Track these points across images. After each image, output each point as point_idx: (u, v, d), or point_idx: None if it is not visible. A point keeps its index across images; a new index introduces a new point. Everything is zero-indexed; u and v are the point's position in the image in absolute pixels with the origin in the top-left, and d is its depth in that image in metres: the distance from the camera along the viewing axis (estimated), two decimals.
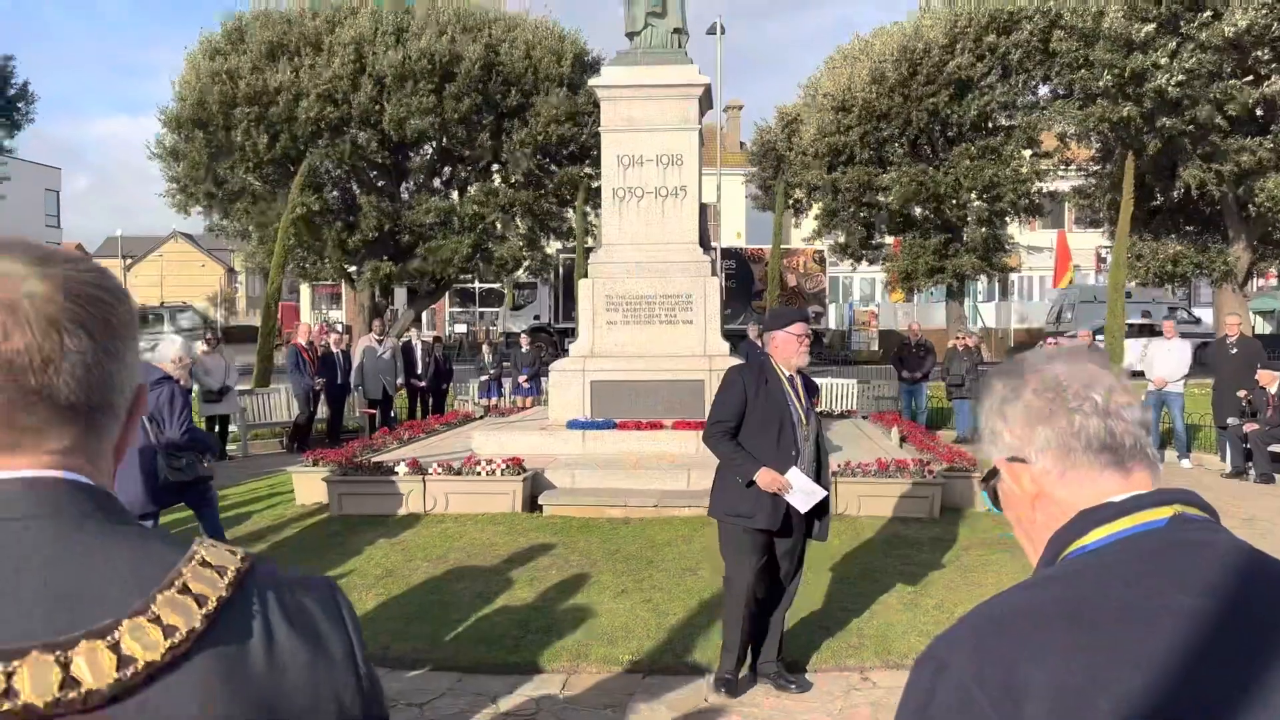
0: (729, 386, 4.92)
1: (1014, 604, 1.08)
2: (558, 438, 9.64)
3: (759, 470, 4.66)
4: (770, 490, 4.67)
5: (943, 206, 22.83)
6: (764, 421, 4.78)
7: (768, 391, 4.82)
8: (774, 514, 4.74)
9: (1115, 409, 1.19)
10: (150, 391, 6.79)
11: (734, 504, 4.84)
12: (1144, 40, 18.44)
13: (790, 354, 4.86)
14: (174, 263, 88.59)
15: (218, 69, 21.27)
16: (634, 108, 10.35)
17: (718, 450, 4.88)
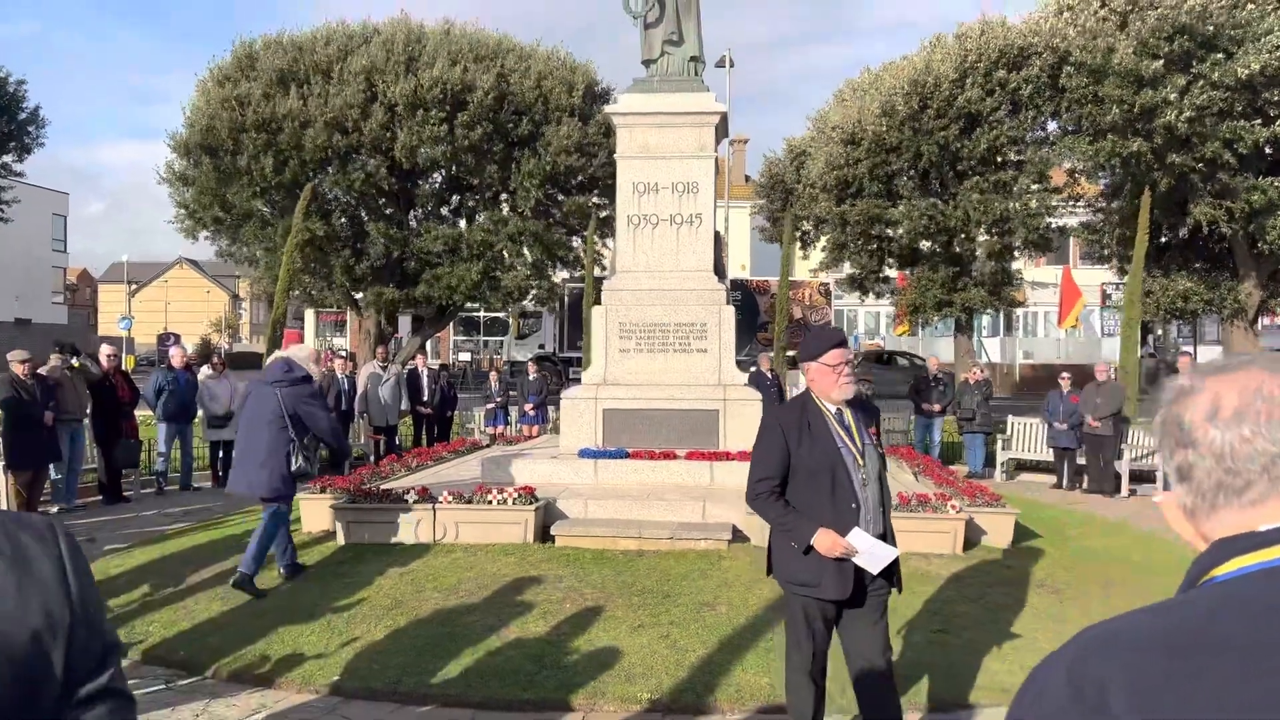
0: (766, 435, 4.23)
1: (1124, 626, 1.05)
2: (569, 466, 9.47)
3: (816, 533, 3.99)
4: (832, 556, 4.00)
5: (952, 240, 22.75)
6: (813, 471, 4.08)
7: (812, 436, 4.09)
8: (842, 582, 4.06)
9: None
10: (291, 388, 7.17)
11: (795, 571, 4.15)
12: (1153, 77, 18.44)
13: (828, 387, 4.13)
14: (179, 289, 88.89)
15: (227, 95, 21.32)
16: (650, 135, 10.27)
17: (765, 513, 4.21)
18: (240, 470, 7.38)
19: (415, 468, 10.64)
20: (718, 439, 9.77)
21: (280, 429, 7.14)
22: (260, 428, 7.19)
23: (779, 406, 4.67)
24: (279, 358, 7.59)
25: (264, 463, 7.13)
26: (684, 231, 10.20)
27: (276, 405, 7.17)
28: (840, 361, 4.15)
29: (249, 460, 7.26)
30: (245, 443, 7.39)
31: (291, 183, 21.09)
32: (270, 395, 7.23)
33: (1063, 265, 36.83)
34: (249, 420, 7.36)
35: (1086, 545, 8.80)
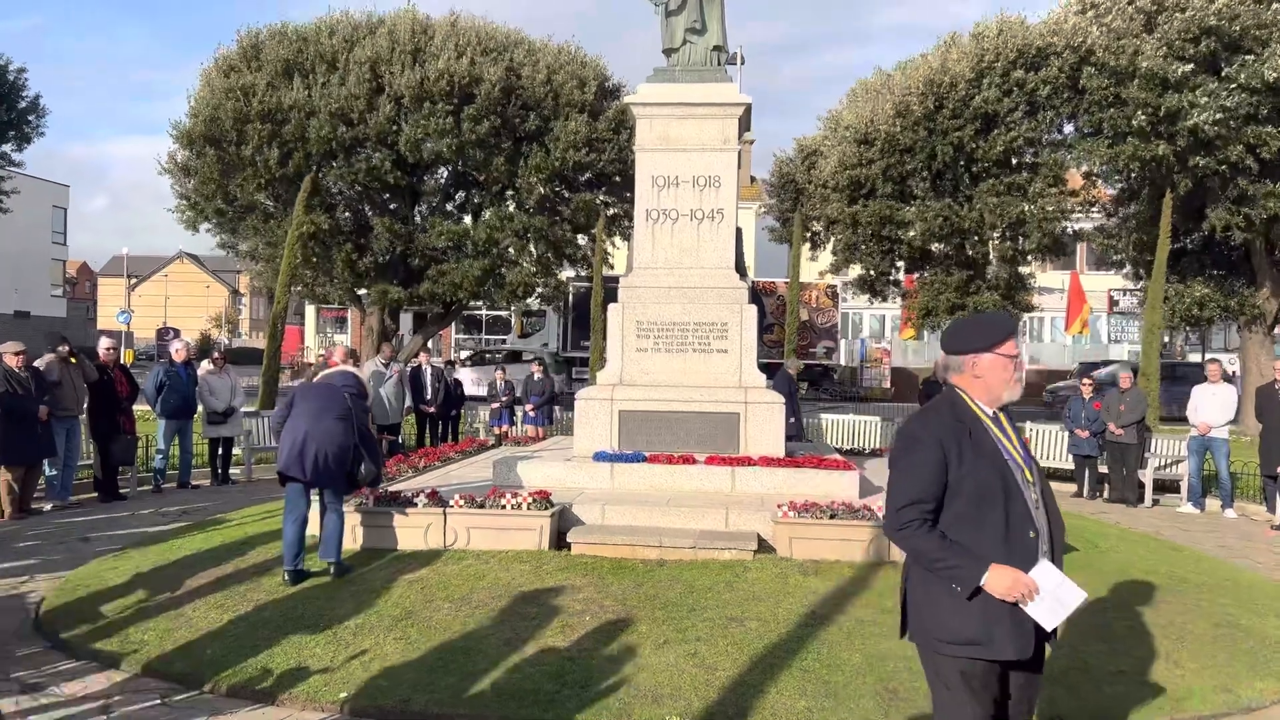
0: (916, 447, 3.27)
1: None
2: (584, 470, 9.09)
3: (989, 570, 3.10)
4: (1011, 598, 3.11)
5: (965, 243, 22.39)
6: (981, 495, 3.19)
7: (975, 448, 3.22)
8: (1021, 636, 3.17)
9: None
10: (358, 399, 7.46)
11: (955, 626, 3.19)
12: (1180, 79, 18.09)
13: (998, 385, 3.30)
14: (179, 283, 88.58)
15: (232, 85, 20.94)
16: (671, 126, 9.90)
17: (918, 548, 3.23)
18: (299, 453, 7.14)
19: (423, 469, 10.27)
20: (739, 443, 9.39)
21: (350, 429, 7.31)
22: (333, 420, 7.24)
23: (926, 412, 3.42)
24: (349, 372, 7.81)
25: (335, 453, 7.15)
26: (705, 227, 9.83)
27: (346, 405, 7.33)
28: (1017, 353, 3.34)
29: (316, 445, 7.11)
30: (312, 429, 7.18)
31: (295, 175, 20.70)
32: (341, 395, 7.39)
33: (1070, 271, 36.56)
34: (318, 411, 7.26)
35: (1125, 558, 8.43)
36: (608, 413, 9.61)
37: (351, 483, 7.46)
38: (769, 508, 7.96)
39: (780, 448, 9.44)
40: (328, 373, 7.79)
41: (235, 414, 13.24)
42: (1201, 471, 12.70)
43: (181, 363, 12.66)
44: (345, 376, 7.62)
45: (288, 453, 7.17)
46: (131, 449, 11.96)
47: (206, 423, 13.06)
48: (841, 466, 8.97)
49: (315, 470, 7.11)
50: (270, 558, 7.70)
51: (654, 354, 9.73)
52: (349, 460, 7.29)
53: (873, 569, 7.31)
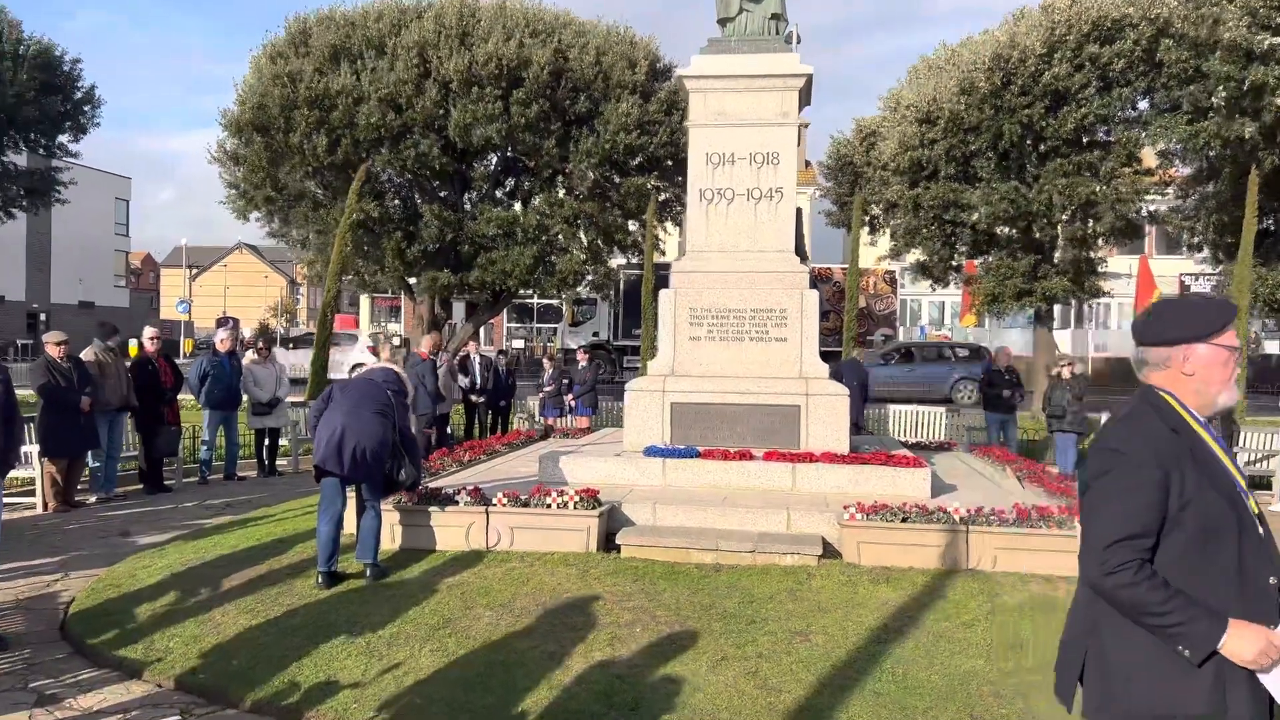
0: (1128, 467, 2.49)
1: None
2: (634, 466, 8.60)
3: (1229, 629, 2.37)
4: (1257, 666, 2.38)
5: (1032, 225, 21.43)
6: (1208, 530, 2.46)
7: (1200, 467, 2.49)
8: (1260, 714, 2.44)
9: None
10: (399, 395, 7.13)
11: (1176, 698, 2.43)
12: (1265, 51, 16.99)
13: (1217, 384, 2.59)
14: (238, 273, 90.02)
15: (279, 72, 20.75)
16: (726, 100, 9.33)
17: (1137, 597, 2.41)
18: (337, 446, 6.78)
19: (468, 463, 9.87)
20: (799, 438, 8.82)
21: (390, 424, 7.00)
22: (371, 415, 6.90)
23: (1130, 422, 2.64)
24: (390, 369, 7.50)
25: (373, 448, 6.82)
26: (762, 207, 9.25)
27: (387, 400, 7.02)
28: (1238, 345, 2.65)
29: (355, 438, 6.76)
30: (350, 422, 6.82)
31: (344, 162, 20.47)
32: (383, 390, 7.07)
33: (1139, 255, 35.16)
34: (355, 404, 6.93)
35: None
36: (659, 405, 9.11)
37: (390, 483, 7.12)
38: (834, 508, 7.39)
39: (845, 443, 8.85)
40: (369, 368, 7.50)
41: (280, 404, 12.99)
42: None
43: (225, 353, 12.43)
44: (386, 373, 7.31)
45: (325, 446, 6.80)
46: (176, 440, 11.76)
47: (252, 414, 12.84)
48: (911, 464, 8.36)
49: (353, 464, 6.73)
50: (306, 558, 7.34)
51: (708, 343, 9.20)
52: (387, 456, 6.96)
53: (948, 577, 6.72)
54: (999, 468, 10.01)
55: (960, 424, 15.96)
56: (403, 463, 7.07)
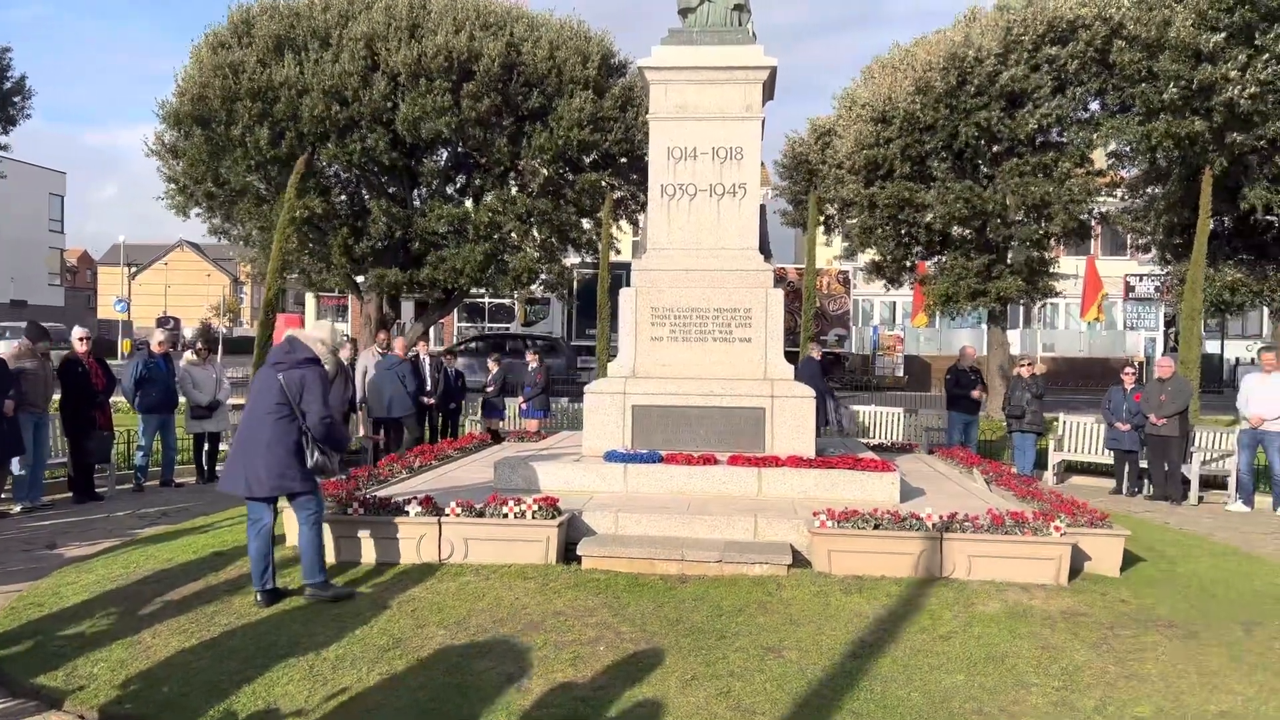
0: None
1: None
2: (595, 471, 8.26)
3: None
4: None
5: (987, 226, 21.44)
6: None
7: None
8: None
9: None
10: (292, 370, 6.11)
11: None
12: (1213, 50, 17.13)
13: None
14: (179, 272, 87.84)
15: (221, 62, 20.02)
16: (688, 93, 9.02)
17: None
18: (235, 465, 6.30)
19: (418, 469, 9.44)
20: (764, 441, 8.56)
21: (284, 418, 6.16)
22: (260, 416, 6.19)
23: None
24: (285, 336, 6.52)
25: (265, 455, 6.13)
26: (726, 204, 8.97)
27: (279, 390, 6.15)
28: None
29: (245, 453, 6.22)
30: (243, 434, 6.32)
31: (288, 156, 19.78)
32: (271, 379, 6.21)
33: (1085, 256, 35.65)
34: (250, 409, 6.34)
35: (1198, 570, 7.59)
36: (620, 408, 8.78)
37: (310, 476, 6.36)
38: (802, 515, 7.13)
39: (811, 446, 8.61)
40: (271, 350, 6.61)
41: (221, 408, 12.43)
42: (1252, 466, 11.85)
43: (161, 355, 11.83)
44: (279, 349, 6.36)
45: (225, 465, 6.35)
46: (108, 445, 11.19)
47: (190, 417, 12.27)
48: (880, 467, 8.13)
49: (247, 485, 6.20)
50: (246, 572, 6.87)
51: (670, 343, 8.89)
52: (293, 458, 6.18)
53: (922, 586, 6.49)
54: (965, 470, 9.84)
55: (919, 424, 15.86)
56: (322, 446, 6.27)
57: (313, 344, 6.33)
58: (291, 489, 6.25)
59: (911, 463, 10.76)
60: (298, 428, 6.18)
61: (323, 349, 6.38)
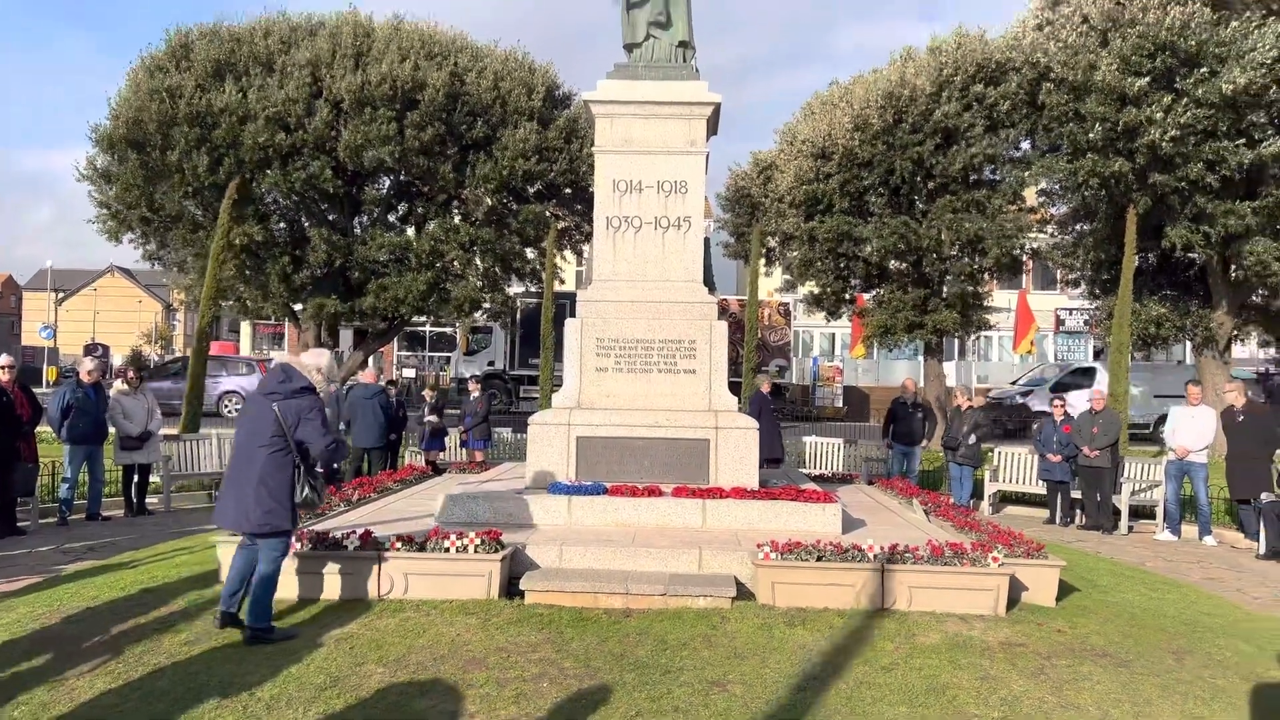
0: None
1: None
2: (538, 504, 8.19)
3: None
4: None
5: (923, 260, 21.94)
6: None
7: None
8: None
9: None
10: (288, 401, 5.88)
11: None
12: (1137, 94, 17.83)
13: None
14: (109, 298, 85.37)
15: (158, 86, 19.65)
16: (633, 127, 9.11)
17: None
18: (227, 498, 6.12)
19: (356, 502, 9.26)
20: (709, 472, 8.58)
21: (278, 450, 5.99)
22: (253, 448, 6.02)
23: None
24: (278, 364, 6.30)
25: (256, 489, 5.95)
26: (671, 236, 9.04)
27: (273, 421, 5.97)
28: None
29: (238, 486, 6.04)
30: (236, 466, 6.13)
31: (226, 182, 19.45)
32: (266, 410, 6.02)
33: (1017, 290, 36.61)
34: (241, 439, 6.15)
35: (1129, 600, 7.77)
36: (564, 439, 8.74)
37: (296, 511, 6.23)
38: (746, 546, 7.15)
39: (754, 477, 8.65)
40: (263, 378, 6.40)
41: (152, 438, 12.09)
42: (1180, 497, 12.20)
43: (90, 384, 11.47)
44: (273, 378, 6.15)
45: (218, 496, 6.22)
46: (32, 478, 10.79)
47: (119, 448, 11.91)
48: (822, 499, 8.20)
49: (237, 519, 6.07)
50: (176, 610, 6.69)
51: (615, 374, 8.90)
52: (285, 491, 6.02)
53: (865, 618, 6.54)
54: (905, 501, 9.97)
55: (859, 455, 16.05)
56: (312, 479, 6.16)
57: (309, 373, 6.18)
58: (278, 527, 6.06)
59: (852, 493, 10.88)
60: (291, 461, 6.03)
61: (319, 377, 6.21)
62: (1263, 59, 16.87)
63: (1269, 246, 18.14)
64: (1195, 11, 17.25)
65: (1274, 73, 16.99)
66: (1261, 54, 16.85)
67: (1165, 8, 17.54)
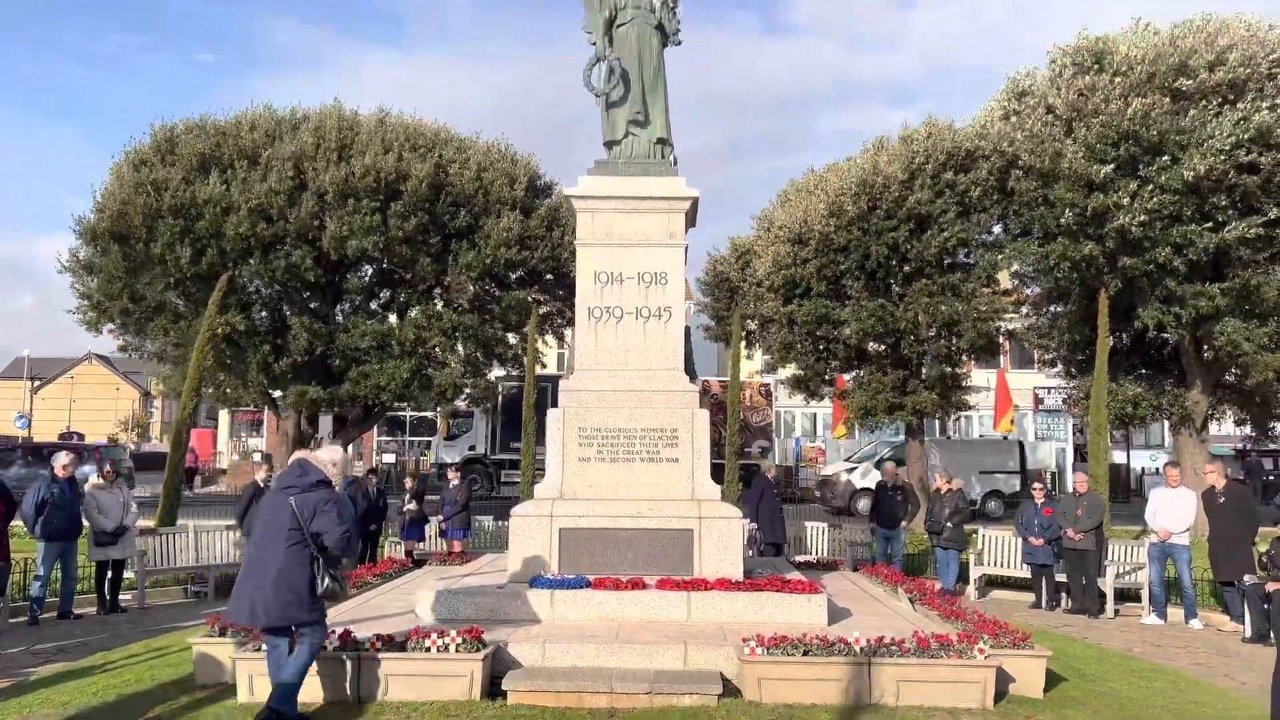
0: None
1: None
2: (520, 599, 8.09)
3: None
4: None
5: (901, 342, 22.20)
6: None
7: None
8: None
9: None
10: (305, 495, 5.94)
11: None
12: (1104, 181, 18.35)
13: None
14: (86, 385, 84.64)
15: (143, 179, 19.89)
16: (614, 221, 9.30)
17: None
18: (243, 594, 6.07)
19: None
20: (693, 563, 8.53)
21: (296, 544, 6.01)
22: (271, 542, 6.05)
23: None
24: (295, 459, 6.43)
25: (274, 583, 5.94)
26: (651, 326, 9.15)
27: (290, 515, 6.02)
28: None
29: (255, 580, 6.02)
30: (253, 560, 6.14)
31: (209, 273, 19.60)
32: (283, 504, 6.09)
33: (995, 369, 36.98)
34: (260, 534, 6.21)
35: (1118, 690, 7.70)
36: (546, 530, 8.69)
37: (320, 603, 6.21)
38: (732, 640, 7.08)
39: (739, 568, 8.60)
40: (280, 474, 6.52)
41: (127, 533, 11.90)
42: (1164, 579, 12.18)
43: (65, 479, 11.32)
44: (290, 473, 6.26)
45: (233, 593, 6.15)
46: (3, 576, 10.56)
47: (93, 544, 11.69)
48: (807, 589, 8.15)
49: (254, 614, 6.02)
50: (152, 718, 6.50)
51: (598, 464, 8.89)
52: (305, 584, 6.02)
53: (853, 714, 6.45)
54: (890, 589, 9.92)
55: (844, 538, 15.97)
56: (333, 570, 6.17)
57: (325, 467, 6.30)
58: (299, 619, 6.06)
59: (837, 581, 10.81)
60: (309, 555, 6.06)
61: (334, 471, 6.35)
62: (1221, 146, 17.45)
63: (1238, 327, 18.49)
64: (1155, 102, 17.88)
65: (1233, 159, 17.57)
66: (1220, 141, 17.44)
67: (1126, 98, 18.16)
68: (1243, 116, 17.46)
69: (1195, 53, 18.21)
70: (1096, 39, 19.60)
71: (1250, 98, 17.95)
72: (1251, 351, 18.49)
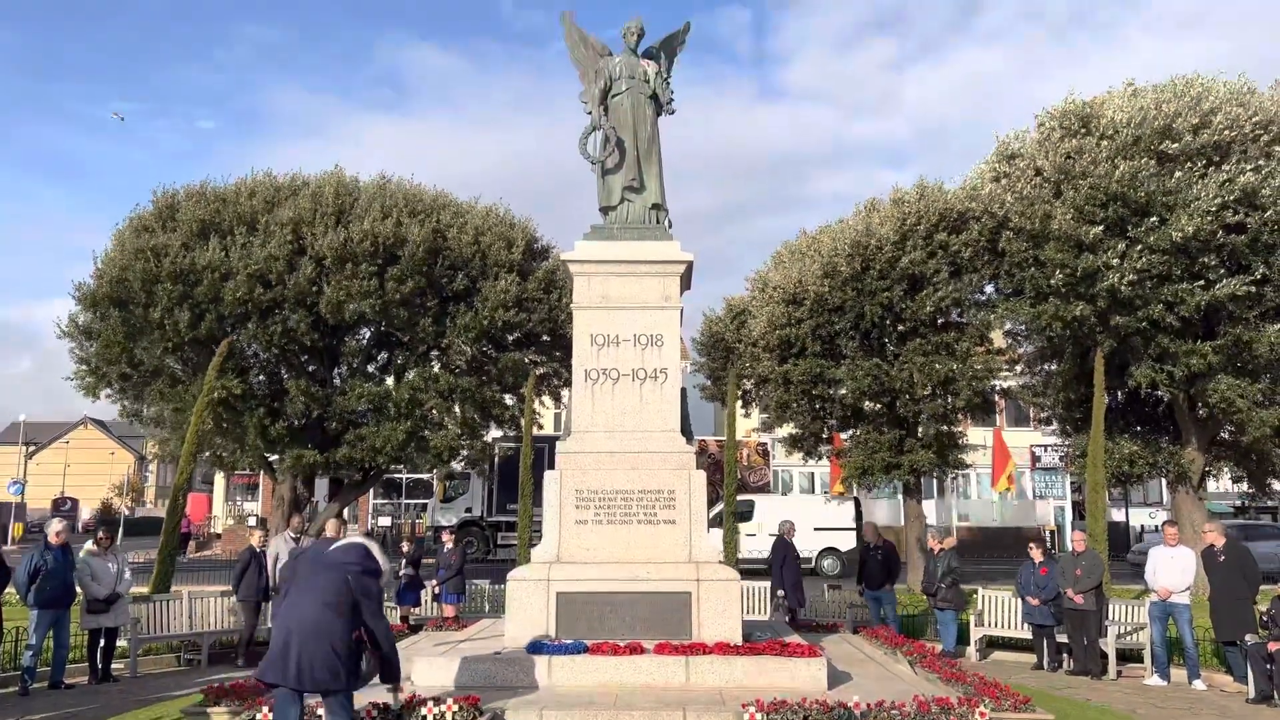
0: None
1: None
2: (517, 665, 8.02)
3: None
4: None
5: (896, 401, 22.28)
6: None
7: None
8: None
9: None
10: (364, 578, 6.11)
11: None
12: (1093, 241, 18.60)
13: None
14: (81, 450, 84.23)
15: (143, 245, 20.11)
16: (610, 284, 9.43)
17: None
18: (284, 653, 5.92)
19: None
20: (691, 626, 8.48)
21: (350, 618, 6.05)
22: (327, 609, 6.00)
23: None
24: (358, 543, 6.49)
25: (327, 651, 5.90)
26: (648, 388, 9.22)
27: (348, 591, 6.06)
28: None
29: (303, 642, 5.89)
30: (303, 623, 5.97)
31: (207, 338, 19.70)
32: (340, 576, 6.10)
33: (992, 428, 36.98)
34: (311, 599, 6.05)
35: None
36: (543, 595, 8.65)
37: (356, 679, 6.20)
38: (731, 706, 7.01)
39: (738, 631, 8.55)
40: (333, 547, 6.51)
41: (120, 601, 11.78)
42: (1165, 639, 12.07)
43: (59, 545, 11.23)
44: (349, 551, 6.32)
45: (271, 651, 6.04)
46: None
47: (86, 611, 11.56)
48: (807, 653, 8.09)
49: (298, 675, 5.89)
50: None
51: (595, 526, 8.89)
52: (351, 660, 6.04)
53: None
54: (889, 651, 9.84)
55: (843, 600, 15.84)
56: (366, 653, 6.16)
57: (380, 559, 6.42)
58: (338, 688, 6.00)
59: (837, 644, 10.72)
60: (353, 627, 6.08)
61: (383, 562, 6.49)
62: (1208, 207, 17.73)
63: (1232, 384, 18.58)
64: (1142, 165, 18.20)
65: (1220, 219, 17.84)
66: (1206, 202, 17.73)
67: (1113, 161, 18.50)
68: (1228, 178, 17.78)
69: (1180, 116, 18.59)
70: (1083, 103, 20.03)
71: (1235, 159, 18.30)
72: (1245, 408, 18.56)
